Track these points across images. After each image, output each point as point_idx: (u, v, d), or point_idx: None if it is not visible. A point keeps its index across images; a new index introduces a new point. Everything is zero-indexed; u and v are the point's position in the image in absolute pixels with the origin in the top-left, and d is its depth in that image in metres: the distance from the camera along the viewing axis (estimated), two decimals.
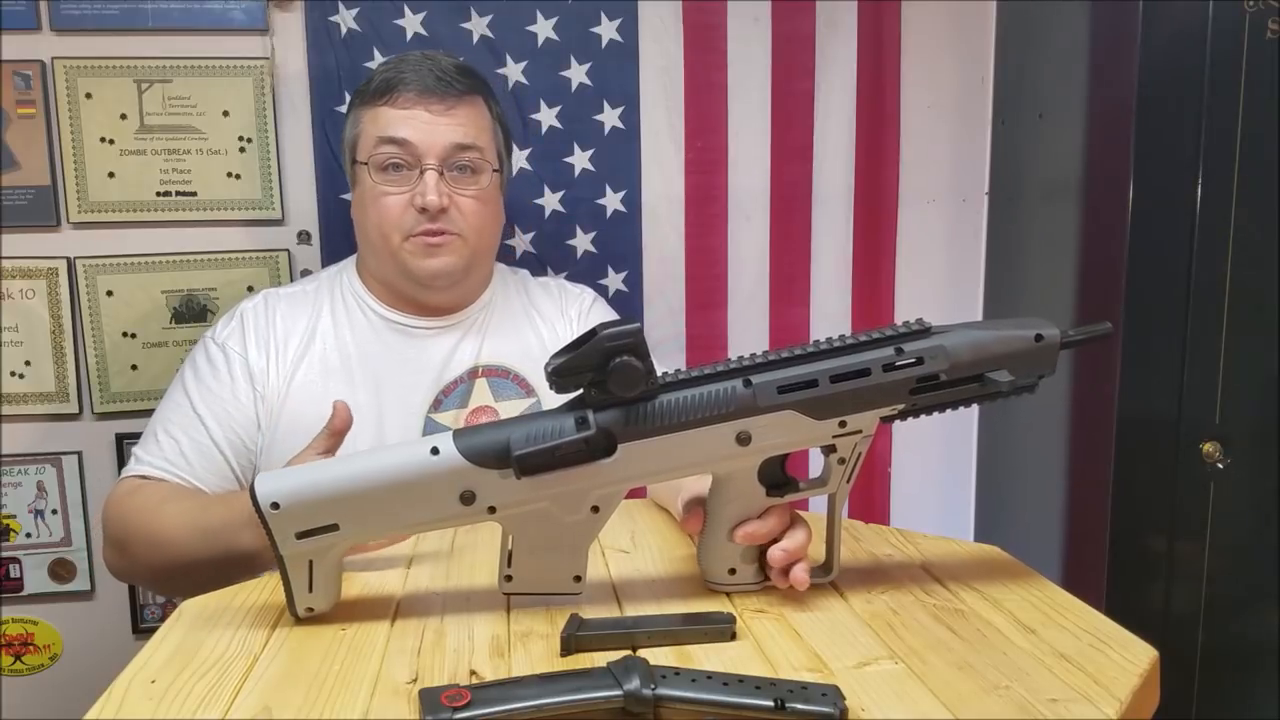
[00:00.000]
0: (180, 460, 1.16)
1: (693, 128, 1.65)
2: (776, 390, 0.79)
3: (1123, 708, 0.64)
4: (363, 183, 1.22)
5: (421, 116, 1.20)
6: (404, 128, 1.19)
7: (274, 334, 1.23)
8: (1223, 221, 1.35)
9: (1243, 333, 1.36)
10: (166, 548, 1.07)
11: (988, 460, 1.81)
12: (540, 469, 0.77)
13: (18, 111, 1.48)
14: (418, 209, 1.19)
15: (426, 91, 1.20)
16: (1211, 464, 1.39)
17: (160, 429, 1.19)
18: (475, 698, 0.62)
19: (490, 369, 1.28)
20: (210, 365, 1.22)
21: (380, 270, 1.26)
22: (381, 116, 1.21)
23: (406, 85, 1.20)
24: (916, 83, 1.70)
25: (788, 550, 0.82)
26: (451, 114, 1.21)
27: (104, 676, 0.71)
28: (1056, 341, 0.82)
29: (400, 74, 1.21)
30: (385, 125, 1.20)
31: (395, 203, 1.20)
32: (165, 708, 0.66)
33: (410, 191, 1.19)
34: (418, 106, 1.20)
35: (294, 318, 1.25)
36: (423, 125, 1.19)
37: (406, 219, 1.20)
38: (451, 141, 1.20)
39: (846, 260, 1.72)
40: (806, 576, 0.82)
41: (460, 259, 1.23)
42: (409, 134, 1.19)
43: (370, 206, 1.21)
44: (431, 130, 1.19)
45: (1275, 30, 1.32)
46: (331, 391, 1.19)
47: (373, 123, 1.21)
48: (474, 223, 1.23)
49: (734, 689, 0.64)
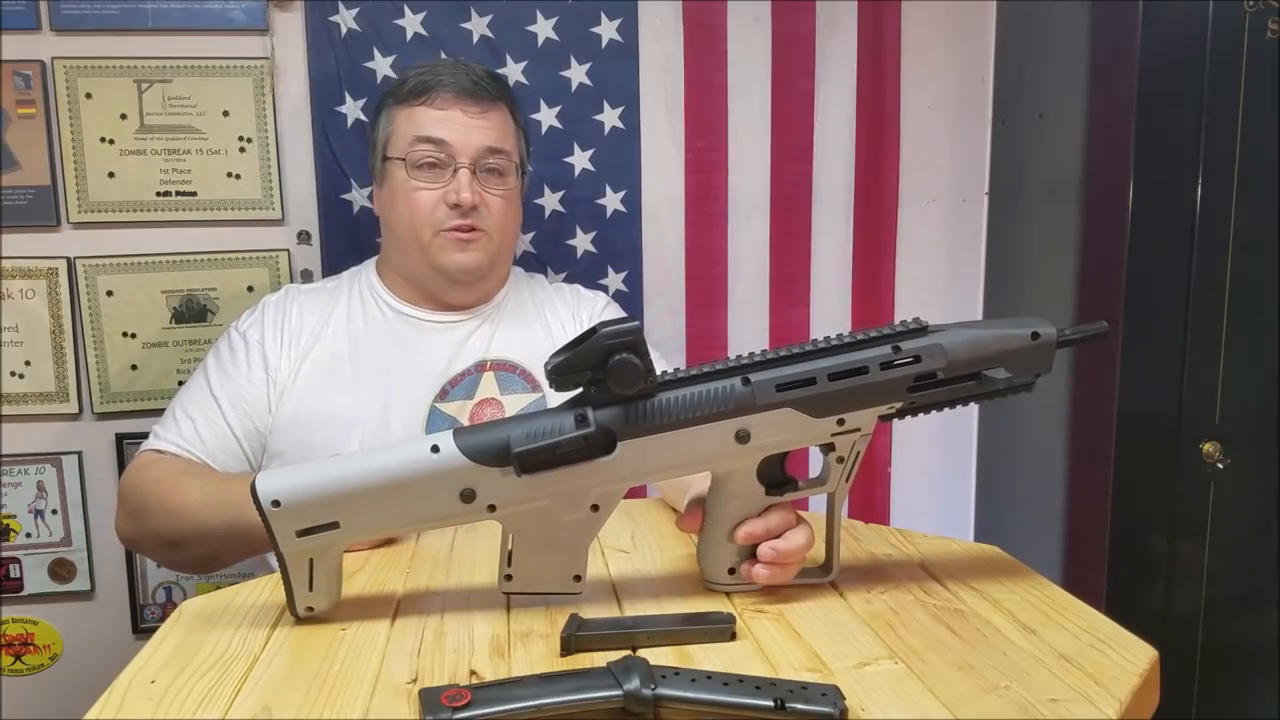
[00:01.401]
0: (195, 439, 1.20)
1: (693, 128, 1.65)
2: (775, 388, 0.79)
3: (1123, 708, 0.64)
4: (394, 179, 1.26)
5: (457, 118, 1.24)
6: (440, 128, 1.24)
7: (289, 323, 1.28)
8: (1223, 221, 1.35)
9: (1243, 333, 1.37)
10: (181, 516, 1.12)
11: (988, 460, 1.81)
12: (540, 467, 0.77)
13: (18, 111, 1.48)
14: (450, 205, 1.24)
15: (463, 94, 1.25)
16: (1211, 464, 1.39)
17: (179, 409, 1.23)
18: (475, 698, 0.62)
19: (498, 363, 1.29)
20: (231, 352, 1.26)
21: (406, 265, 1.29)
22: (418, 116, 1.25)
23: (444, 87, 1.25)
24: (916, 83, 1.70)
25: (777, 550, 0.81)
26: (485, 117, 1.26)
27: (104, 676, 0.71)
28: (1053, 340, 0.83)
29: (437, 76, 1.26)
30: (422, 124, 1.24)
31: (429, 198, 1.24)
32: (165, 708, 0.66)
33: (443, 188, 1.24)
34: (454, 108, 1.25)
35: (311, 310, 1.30)
36: (458, 126, 1.24)
37: (439, 214, 1.24)
38: (484, 144, 1.25)
39: (846, 260, 1.72)
40: (767, 573, 0.82)
41: (486, 255, 1.27)
42: (445, 134, 1.24)
43: (402, 201, 1.25)
44: (466, 131, 1.24)
45: (1275, 30, 1.32)
46: (337, 377, 1.24)
47: (408, 121, 1.26)
48: (499, 222, 1.27)
49: (734, 689, 0.64)
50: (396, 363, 1.27)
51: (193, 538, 1.12)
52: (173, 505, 1.13)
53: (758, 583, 0.82)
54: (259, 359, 1.25)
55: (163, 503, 1.13)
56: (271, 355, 1.25)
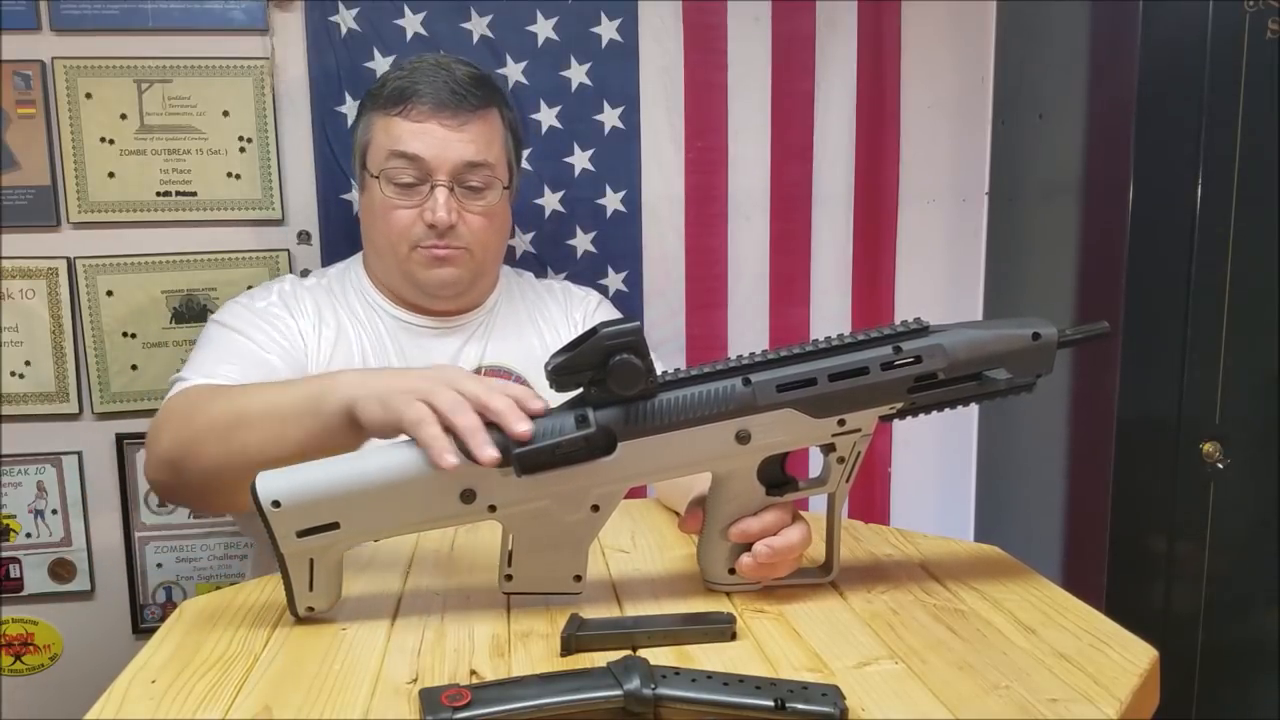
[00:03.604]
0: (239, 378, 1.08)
1: (693, 128, 1.65)
2: (775, 389, 0.79)
3: (1123, 708, 0.64)
4: (372, 192, 1.23)
5: (434, 132, 1.19)
6: (416, 142, 1.19)
7: (305, 314, 1.24)
8: (1223, 221, 1.35)
9: (1243, 333, 1.36)
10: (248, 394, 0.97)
11: (988, 460, 1.81)
12: (540, 467, 0.77)
13: (18, 111, 1.48)
14: (427, 224, 1.20)
15: (440, 105, 1.19)
16: (1211, 464, 1.39)
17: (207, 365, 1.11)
18: (475, 697, 0.62)
19: (493, 370, 1.29)
20: (251, 312, 1.20)
21: (386, 276, 1.28)
22: (394, 128, 1.20)
23: (420, 98, 1.19)
24: (916, 83, 1.70)
25: (772, 547, 0.81)
26: (464, 129, 1.20)
27: (104, 676, 0.71)
28: (1054, 340, 0.83)
29: (415, 84, 1.20)
30: (398, 138, 1.20)
31: (405, 216, 1.21)
32: (165, 708, 0.66)
33: (419, 206, 1.20)
34: (431, 120, 1.19)
35: (321, 307, 1.26)
36: (435, 141, 1.19)
37: (415, 231, 1.21)
38: (463, 159, 1.20)
39: (846, 260, 1.72)
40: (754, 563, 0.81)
41: (466, 271, 1.24)
42: (421, 149, 1.19)
43: (379, 216, 1.22)
44: (444, 146, 1.19)
45: (1275, 30, 1.32)
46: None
47: (385, 133, 1.21)
48: (481, 238, 1.24)
49: (734, 689, 0.64)
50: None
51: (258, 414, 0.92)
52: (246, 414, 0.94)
53: (745, 575, 0.82)
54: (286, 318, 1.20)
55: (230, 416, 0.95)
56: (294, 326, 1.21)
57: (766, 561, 0.81)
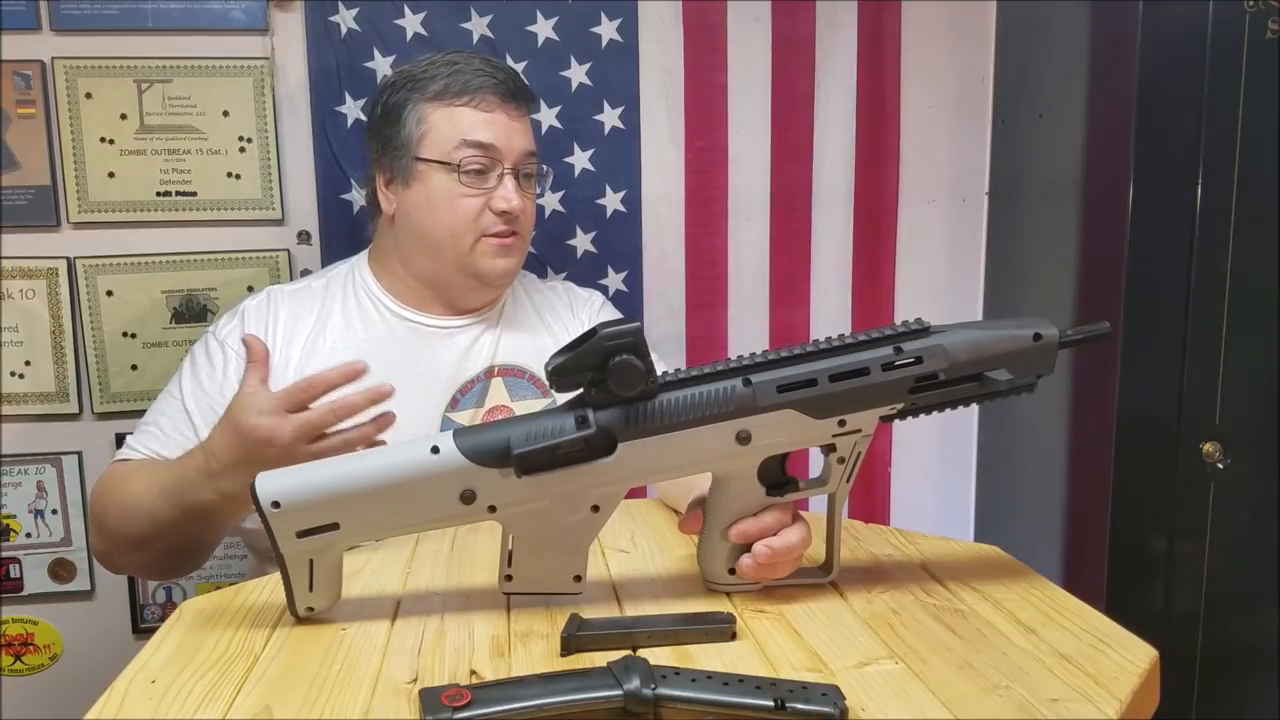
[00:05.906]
0: (161, 450, 1.17)
1: (693, 128, 1.65)
2: (776, 389, 0.79)
3: (1123, 708, 0.64)
4: (431, 182, 1.22)
5: (501, 121, 1.22)
6: (487, 131, 1.21)
7: (277, 331, 1.23)
8: (1223, 221, 1.35)
9: (1243, 333, 1.36)
10: (136, 513, 1.09)
11: (988, 460, 1.81)
12: (540, 468, 0.77)
13: (18, 111, 1.48)
14: (496, 211, 1.21)
15: (506, 97, 1.23)
16: (1211, 464, 1.39)
17: (151, 420, 1.21)
18: (475, 698, 0.62)
19: (506, 368, 1.28)
20: (208, 361, 1.22)
21: (431, 268, 1.25)
22: (462, 118, 1.21)
23: (486, 89, 1.22)
24: (916, 83, 1.70)
25: (771, 547, 0.81)
26: (524, 120, 1.26)
27: (104, 676, 0.71)
28: (1055, 341, 0.83)
29: (477, 77, 1.22)
30: (469, 127, 1.21)
31: (474, 204, 1.22)
32: (165, 708, 0.66)
33: (486, 193, 1.22)
34: (498, 110, 1.22)
35: (299, 314, 1.25)
36: (502, 130, 1.22)
37: (484, 220, 1.22)
38: (526, 148, 1.24)
39: (846, 260, 1.72)
40: (753, 564, 0.81)
41: (521, 258, 1.28)
42: (492, 138, 1.21)
43: (443, 206, 1.21)
44: (510, 135, 1.22)
45: (1275, 30, 1.32)
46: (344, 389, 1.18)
47: (449, 122, 1.21)
48: (530, 225, 1.29)
49: (734, 689, 0.64)
50: (405, 372, 1.22)
51: (148, 534, 1.08)
52: (128, 503, 1.09)
53: (745, 576, 0.82)
54: (236, 371, 1.19)
55: (119, 503, 1.10)
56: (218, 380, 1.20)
57: (766, 562, 0.81)
